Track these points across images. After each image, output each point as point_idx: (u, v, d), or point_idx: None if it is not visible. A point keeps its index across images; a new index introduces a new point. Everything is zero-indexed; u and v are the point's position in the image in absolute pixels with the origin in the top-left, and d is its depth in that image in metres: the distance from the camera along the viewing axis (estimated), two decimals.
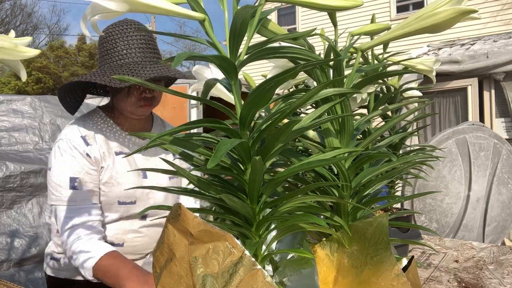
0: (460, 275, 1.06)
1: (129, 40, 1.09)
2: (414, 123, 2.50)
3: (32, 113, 2.48)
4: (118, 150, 1.15)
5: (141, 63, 1.08)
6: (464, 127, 2.86)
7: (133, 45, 1.09)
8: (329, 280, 0.55)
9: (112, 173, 1.11)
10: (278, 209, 0.50)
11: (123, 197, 1.12)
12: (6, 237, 2.01)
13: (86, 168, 1.08)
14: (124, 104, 1.13)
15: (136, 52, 1.09)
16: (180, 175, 0.52)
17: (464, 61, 4.86)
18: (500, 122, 5.20)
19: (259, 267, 0.43)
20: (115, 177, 1.11)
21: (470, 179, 2.77)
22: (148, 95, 1.12)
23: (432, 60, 0.72)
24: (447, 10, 0.43)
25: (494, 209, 2.79)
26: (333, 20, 0.54)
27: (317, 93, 0.45)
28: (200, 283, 0.44)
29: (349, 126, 0.53)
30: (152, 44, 1.13)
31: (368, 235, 0.52)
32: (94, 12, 0.42)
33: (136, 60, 1.08)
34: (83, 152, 1.08)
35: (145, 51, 1.10)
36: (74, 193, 1.06)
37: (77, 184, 1.06)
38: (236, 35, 0.44)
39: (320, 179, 0.57)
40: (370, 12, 5.20)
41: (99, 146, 1.11)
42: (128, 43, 1.08)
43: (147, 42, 1.12)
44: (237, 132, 0.47)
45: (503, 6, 7.51)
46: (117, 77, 0.44)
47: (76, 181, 1.06)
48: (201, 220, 0.45)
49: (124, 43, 1.08)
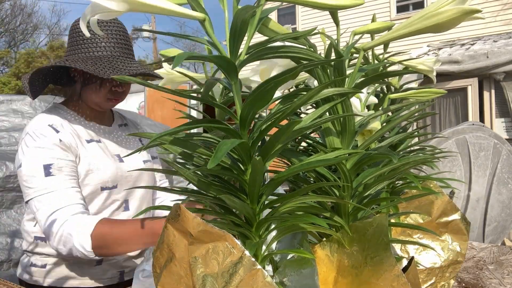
0: (460, 275, 1.06)
1: (109, 33, 1.09)
2: (414, 123, 2.50)
3: (32, 113, 2.48)
4: (88, 138, 1.13)
5: (119, 58, 1.08)
6: (464, 127, 2.86)
7: (112, 39, 1.09)
8: (329, 280, 0.55)
9: (90, 161, 1.09)
10: (278, 209, 0.50)
11: (105, 182, 1.11)
12: (6, 237, 2.01)
13: (58, 153, 1.03)
14: (94, 96, 1.12)
15: (115, 46, 1.09)
16: (180, 175, 0.51)
17: (464, 61, 4.86)
18: (500, 122, 5.20)
19: (259, 267, 0.42)
20: (93, 163, 1.09)
21: (470, 179, 2.77)
22: (119, 90, 1.12)
23: (432, 60, 0.72)
24: (451, 9, 0.43)
25: (494, 209, 2.79)
26: (335, 19, 0.54)
27: (318, 93, 0.45)
28: (200, 283, 0.44)
29: (350, 126, 0.53)
30: (128, 40, 1.14)
31: (368, 236, 0.52)
32: (94, 12, 0.41)
33: (114, 54, 1.08)
34: (54, 138, 1.04)
35: (123, 46, 1.11)
36: (51, 179, 1.00)
37: (52, 170, 1.01)
38: (236, 35, 0.43)
39: (321, 179, 0.57)
40: (370, 12, 5.20)
41: (68, 134, 1.08)
42: (107, 35, 1.08)
43: (125, 38, 1.12)
44: (237, 132, 0.47)
45: (503, 6, 7.51)
46: (117, 77, 0.44)
47: (50, 168, 1.01)
48: (201, 220, 0.45)
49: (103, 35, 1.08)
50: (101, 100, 1.13)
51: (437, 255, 0.78)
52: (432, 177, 0.79)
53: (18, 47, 19.85)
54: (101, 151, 1.13)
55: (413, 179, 0.67)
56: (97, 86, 1.10)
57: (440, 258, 0.78)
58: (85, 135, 1.13)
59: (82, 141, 1.11)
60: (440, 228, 0.79)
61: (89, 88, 1.12)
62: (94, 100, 1.13)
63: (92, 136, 1.15)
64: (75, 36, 1.12)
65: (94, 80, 1.10)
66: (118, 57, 1.08)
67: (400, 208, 0.79)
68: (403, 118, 0.65)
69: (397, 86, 0.83)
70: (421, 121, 4.67)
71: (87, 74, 1.09)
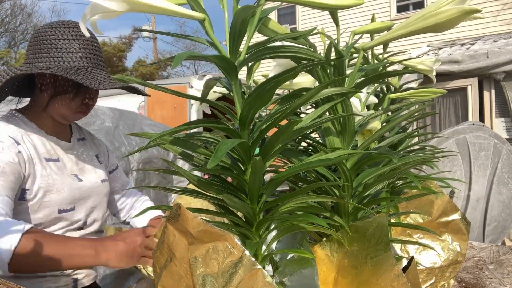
0: (460, 275, 1.06)
1: (85, 43, 1.05)
2: (414, 123, 2.50)
3: None
4: (47, 156, 1.06)
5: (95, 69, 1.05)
6: (464, 127, 2.86)
7: (89, 50, 1.05)
8: (329, 280, 0.55)
9: (48, 181, 1.03)
10: (278, 209, 0.50)
11: (63, 204, 1.05)
12: None
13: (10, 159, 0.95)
14: (63, 108, 1.06)
15: (92, 58, 1.05)
16: (180, 175, 0.51)
17: (464, 61, 4.86)
18: (500, 122, 5.20)
19: (259, 267, 0.42)
20: (52, 184, 1.03)
21: (470, 179, 2.77)
22: (90, 102, 1.08)
23: (432, 60, 0.72)
24: (451, 9, 0.43)
25: (494, 209, 2.79)
26: (335, 19, 0.54)
27: (318, 92, 0.45)
28: (200, 283, 0.44)
29: (350, 126, 0.53)
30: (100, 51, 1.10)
31: (368, 236, 0.52)
32: (94, 12, 0.41)
33: (90, 65, 1.05)
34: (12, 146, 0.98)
35: (98, 58, 1.07)
36: None
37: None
38: (236, 35, 0.43)
39: (321, 179, 0.57)
40: (370, 12, 5.19)
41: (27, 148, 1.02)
42: (84, 46, 1.04)
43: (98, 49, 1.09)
44: (237, 132, 0.47)
45: (503, 6, 7.51)
46: (117, 77, 0.44)
47: None
48: (201, 220, 0.45)
49: (79, 45, 1.04)
50: (70, 112, 1.07)
51: (437, 255, 0.78)
52: (432, 177, 0.79)
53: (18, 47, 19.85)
54: (59, 172, 1.06)
55: (413, 179, 0.67)
56: (70, 97, 1.04)
57: (440, 258, 0.78)
58: (43, 152, 1.06)
59: (40, 158, 1.04)
60: (440, 228, 0.79)
61: (59, 99, 1.05)
62: (62, 112, 1.07)
63: (51, 155, 1.08)
64: (46, 42, 1.04)
65: (68, 91, 1.04)
66: (94, 68, 1.05)
67: (400, 208, 0.79)
68: (403, 118, 0.65)
69: (397, 86, 0.83)
70: (421, 121, 4.67)
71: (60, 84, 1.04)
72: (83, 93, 1.06)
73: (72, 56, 1.04)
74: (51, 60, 1.04)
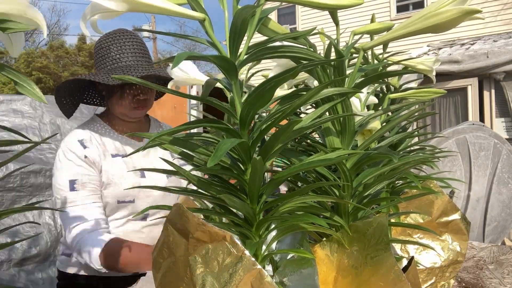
0: (460, 274, 1.05)
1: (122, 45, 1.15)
2: (414, 123, 2.50)
3: (32, 113, 2.48)
4: (114, 153, 1.20)
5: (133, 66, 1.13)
6: (464, 127, 2.86)
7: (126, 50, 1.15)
8: (329, 280, 0.55)
9: (108, 175, 1.16)
10: (278, 209, 0.50)
11: (122, 196, 1.17)
12: (6, 237, 2.01)
13: (84, 170, 1.14)
14: (118, 107, 1.18)
15: (129, 56, 1.15)
16: (180, 175, 0.51)
17: (464, 61, 4.86)
18: (500, 122, 5.20)
19: (259, 267, 0.42)
20: (112, 178, 1.17)
21: (470, 179, 2.77)
22: (141, 97, 1.17)
23: (432, 59, 0.72)
24: (451, 9, 0.43)
25: (494, 209, 2.79)
26: (335, 19, 0.54)
27: (318, 92, 0.45)
28: (200, 283, 0.44)
29: (350, 126, 0.53)
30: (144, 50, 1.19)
31: (368, 235, 0.52)
32: (94, 11, 0.41)
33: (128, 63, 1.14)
34: (80, 154, 1.14)
35: (137, 55, 1.16)
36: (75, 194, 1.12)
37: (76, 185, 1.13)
38: (236, 35, 0.43)
39: (321, 179, 0.57)
40: (369, 12, 5.19)
41: (96, 148, 1.17)
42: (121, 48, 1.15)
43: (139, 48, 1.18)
44: (237, 132, 0.47)
45: (503, 6, 7.51)
46: (117, 76, 0.44)
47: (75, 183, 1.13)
48: (201, 220, 0.45)
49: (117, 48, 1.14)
50: (126, 109, 1.18)
51: (437, 255, 0.78)
52: (432, 177, 0.79)
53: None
54: (124, 167, 1.19)
55: (413, 178, 0.67)
56: (118, 96, 1.16)
57: (440, 258, 0.78)
58: (111, 149, 1.20)
59: (106, 155, 1.18)
60: (440, 228, 0.79)
61: (113, 100, 1.18)
62: (120, 111, 1.19)
63: (119, 150, 1.21)
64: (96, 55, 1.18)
65: (114, 91, 1.15)
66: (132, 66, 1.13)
67: (400, 208, 0.79)
68: (403, 118, 0.65)
69: (397, 86, 0.83)
70: (421, 121, 4.67)
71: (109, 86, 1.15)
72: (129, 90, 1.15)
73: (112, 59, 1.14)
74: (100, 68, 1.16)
